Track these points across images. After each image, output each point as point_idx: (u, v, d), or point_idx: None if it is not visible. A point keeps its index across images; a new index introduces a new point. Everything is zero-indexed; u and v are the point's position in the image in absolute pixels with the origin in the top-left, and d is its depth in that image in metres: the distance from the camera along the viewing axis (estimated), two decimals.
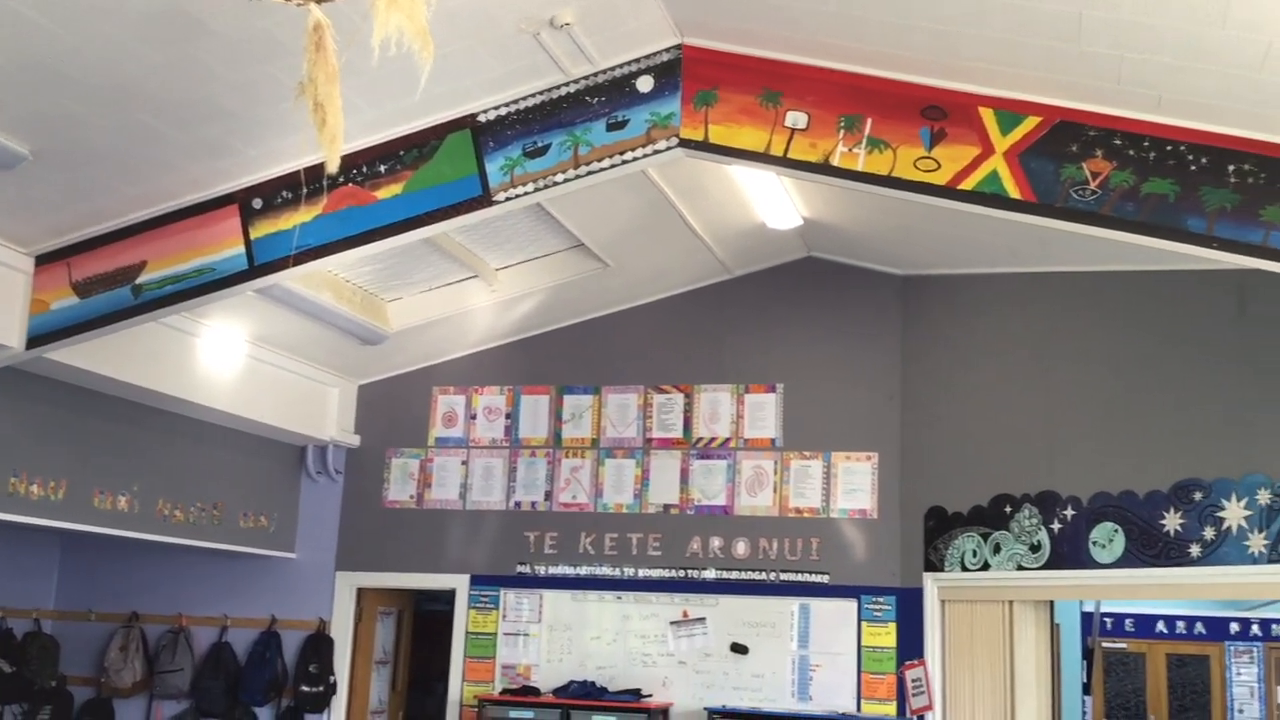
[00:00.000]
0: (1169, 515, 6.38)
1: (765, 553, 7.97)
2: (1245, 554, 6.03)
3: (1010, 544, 7.15)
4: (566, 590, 8.25)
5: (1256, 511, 6.01)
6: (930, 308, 7.94)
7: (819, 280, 8.23)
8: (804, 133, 5.23)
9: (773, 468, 8.08)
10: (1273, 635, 16.17)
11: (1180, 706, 16.36)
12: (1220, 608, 16.03)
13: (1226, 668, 16.30)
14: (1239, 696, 16.18)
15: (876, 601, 7.73)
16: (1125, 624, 16.46)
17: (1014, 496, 7.19)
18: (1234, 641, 16.31)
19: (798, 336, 8.23)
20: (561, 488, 8.41)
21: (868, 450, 7.95)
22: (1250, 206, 4.72)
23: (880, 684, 7.61)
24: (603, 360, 8.55)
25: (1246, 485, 6.07)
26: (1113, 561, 6.61)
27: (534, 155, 5.55)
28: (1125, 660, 16.63)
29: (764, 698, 7.76)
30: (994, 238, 6.89)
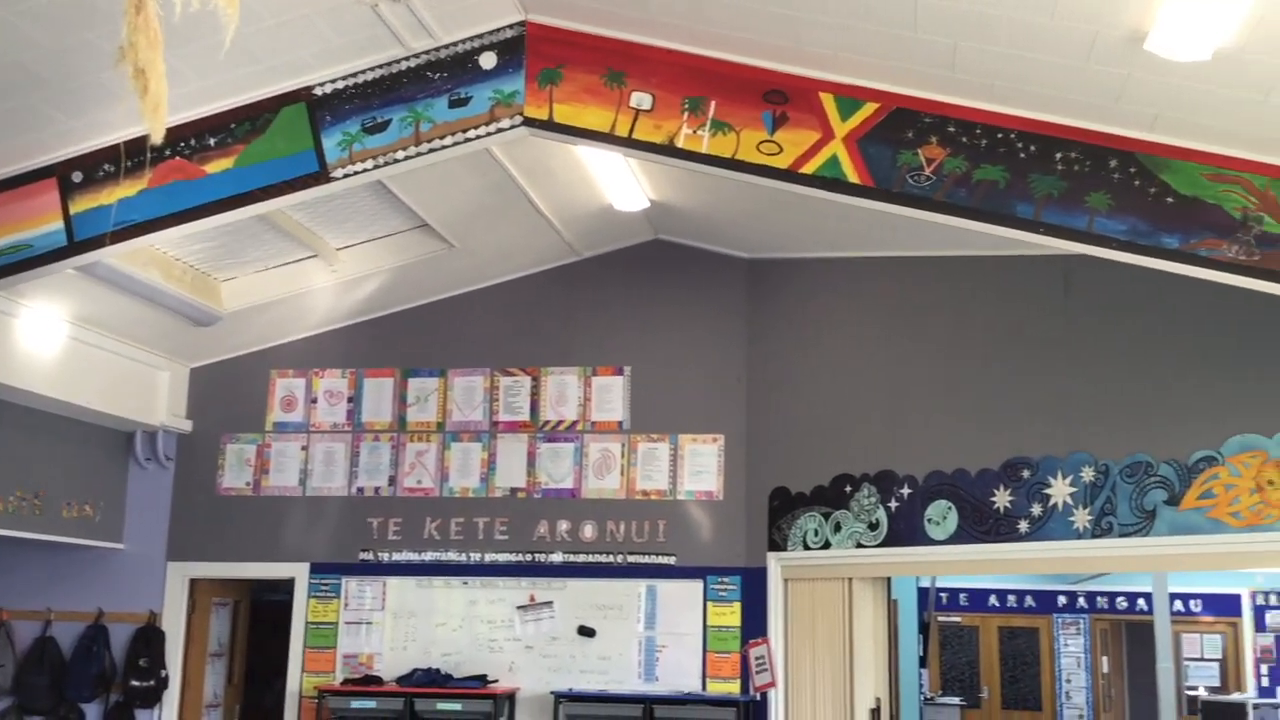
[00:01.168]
0: (999, 493, 6.59)
1: (613, 535, 7.98)
2: (1070, 529, 6.27)
3: (850, 523, 7.30)
4: (411, 577, 8.11)
5: (1081, 488, 6.25)
6: (776, 291, 8.04)
7: (666, 263, 8.26)
8: (649, 114, 5.22)
9: (620, 450, 8.08)
10: (1098, 607, 16.98)
11: (1012, 677, 17.05)
12: (1049, 582, 16.74)
13: (1055, 639, 17.05)
14: (1066, 666, 16.95)
15: (722, 582, 7.81)
16: (960, 598, 17.06)
17: (854, 476, 7.34)
18: (1062, 614, 17.07)
19: (645, 319, 8.24)
20: (406, 472, 8.26)
21: (714, 432, 8.01)
22: (1076, 193, 4.89)
23: (725, 663, 7.69)
24: (448, 342, 8.41)
25: (1072, 463, 6.31)
26: (946, 538, 6.80)
27: (373, 131, 5.41)
28: (960, 633, 17.23)
29: (611, 680, 7.77)
30: (837, 222, 7.00)
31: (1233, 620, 16.24)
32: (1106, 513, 6.11)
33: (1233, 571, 14.82)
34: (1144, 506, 5.97)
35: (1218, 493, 5.73)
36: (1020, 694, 16.93)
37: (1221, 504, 5.71)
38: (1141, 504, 5.98)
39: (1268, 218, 4.75)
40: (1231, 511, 5.68)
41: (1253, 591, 15.89)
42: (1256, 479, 5.61)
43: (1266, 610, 15.88)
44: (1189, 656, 16.54)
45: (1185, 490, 5.84)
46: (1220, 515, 5.71)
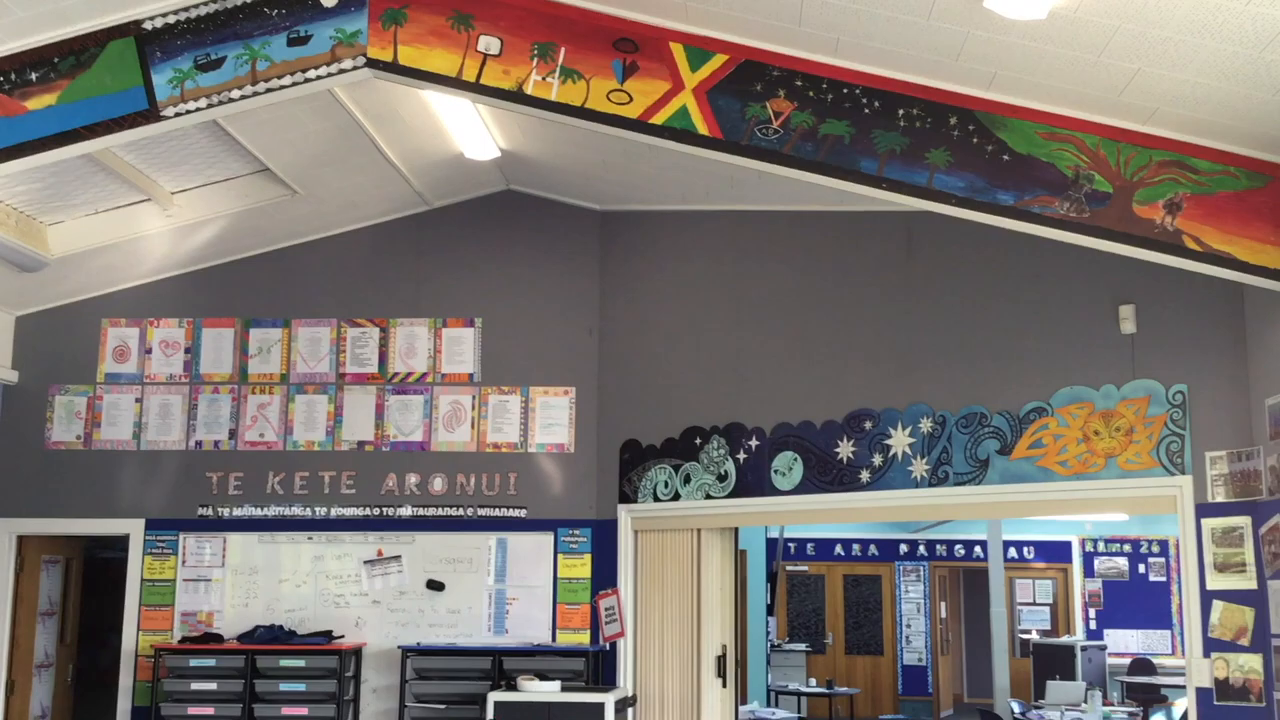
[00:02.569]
0: (843, 444, 6.73)
1: (463, 489, 7.90)
2: (909, 479, 6.45)
3: (699, 474, 7.37)
4: (253, 532, 7.90)
5: (919, 439, 6.43)
6: (628, 243, 8.02)
7: (518, 214, 8.16)
8: (497, 59, 5.12)
9: (471, 403, 7.99)
10: (937, 555, 17.60)
11: (855, 623, 17.59)
12: (891, 531, 17.29)
13: (896, 586, 17.63)
14: (907, 612, 17.56)
15: (572, 534, 7.82)
16: (807, 548, 17.50)
17: (704, 428, 7.41)
18: (903, 562, 17.65)
19: (497, 270, 8.14)
20: (248, 425, 8.02)
21: (566, 385, 7.98)
22: (917, 149, 4.99)
23: (575, 614, 7.72)
24: (293, 292, 8.17)
25: (911, 415, 6.48)
26: (792, 488, 6.93)
27: (207, 68, 5.18)
28: (806, 581, 17.69)
29: (460, 633, 7.73)
30: (688, 175, 7.01)
31: (1063, 567, 17.04)
32: (943, 462, 6.30)
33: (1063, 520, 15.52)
34: (978, 456, 6.18)
35: (1047, 443, 5.95)
36: (863, 639, 17.49)
37: (1050, 453, 5.93)
38: (975, 454, 6.18)
39: (1098, 176, 4.92)
40: (1059, 460, 5.91)
41: (1082, 539, 16.67)
42: (1083, 429, 5.85)
43: (1095, 557, 16.68)
44: (1022, 601, 17.31)
45: (1017, 440, 6.05)
46: (1049, 464, 5.94)
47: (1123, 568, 16.54)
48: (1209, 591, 5.44)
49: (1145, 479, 5.64)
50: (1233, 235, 4.88)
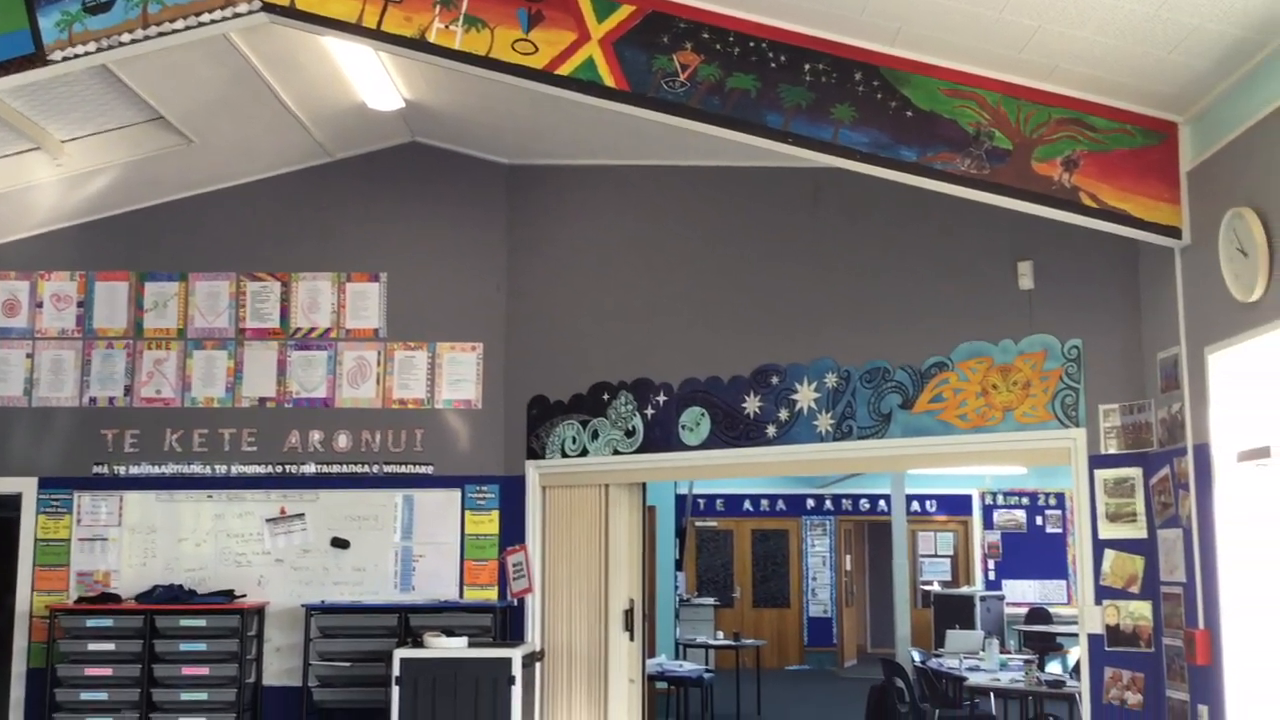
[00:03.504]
0: (749, 399, 6.78)
1: (368, 445, 7.81)
2: (814, 433, 6.52)
3: (607, 430, 7.38)
4: (151, 491, 7.73)
5: (824, 394, 6.50)
6: (536, 197, 7.95)
7: (424, 166, 8.03)
8: (398, 5, 5.01)
9: (376, 359, 7.89)
10: (843, 509, 17.92)
11: (763, 576, 17.86)
12: (797, 486, 17.55)
13: (803, 540, 17.93)
14: (813, 565, 17.87)
15: (480, 490, 7.78)
16: (716, 504, 17.69)
17: (612, 384, 7.41)
18: (809, 516, 17.94)
19: (402, 224, 8.02)
20: (144, 382, 7.82)
21: (473, 340, 7.91)
22: (822, 104, 5.00)
23: (483, 570, 7.70)
24: (190, 245, 7.96)
25: (816, 370, 6.54)
26: (699, 443, 6.97)
27: (95, 11, 4.98)
28: (715, 537, 17.90)
29: (366, 591, 7.67)
30: (595, 129, 6.96)
31: (963, 519, 17.46)
32: (847, 416, 6.38)
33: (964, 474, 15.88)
34: (881, 410, 6.26)
35: (947, 396, 6.05)
36: (770, 592, 17.78)
37: (950, 407, 6.04)
38: (879, 408, 6.27)
39: (998, 133, 4.98)
40: (959, 414, 6.02)
41: (982, 492, 17.09)
42: (982, 383, 5.96)
43: (994, 510, 17.12)
44: (924, 553, 17.73)
45: (918, 394, 6.15)
46: (949, 418, 6.05)
47: (1020, 520, 16.99)
48: (1101, 541, 5.60)
49: (1041, 431, 5.77)
50: (1128, 192, 4.99)
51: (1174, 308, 5.14)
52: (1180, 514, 5.16)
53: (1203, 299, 4.90)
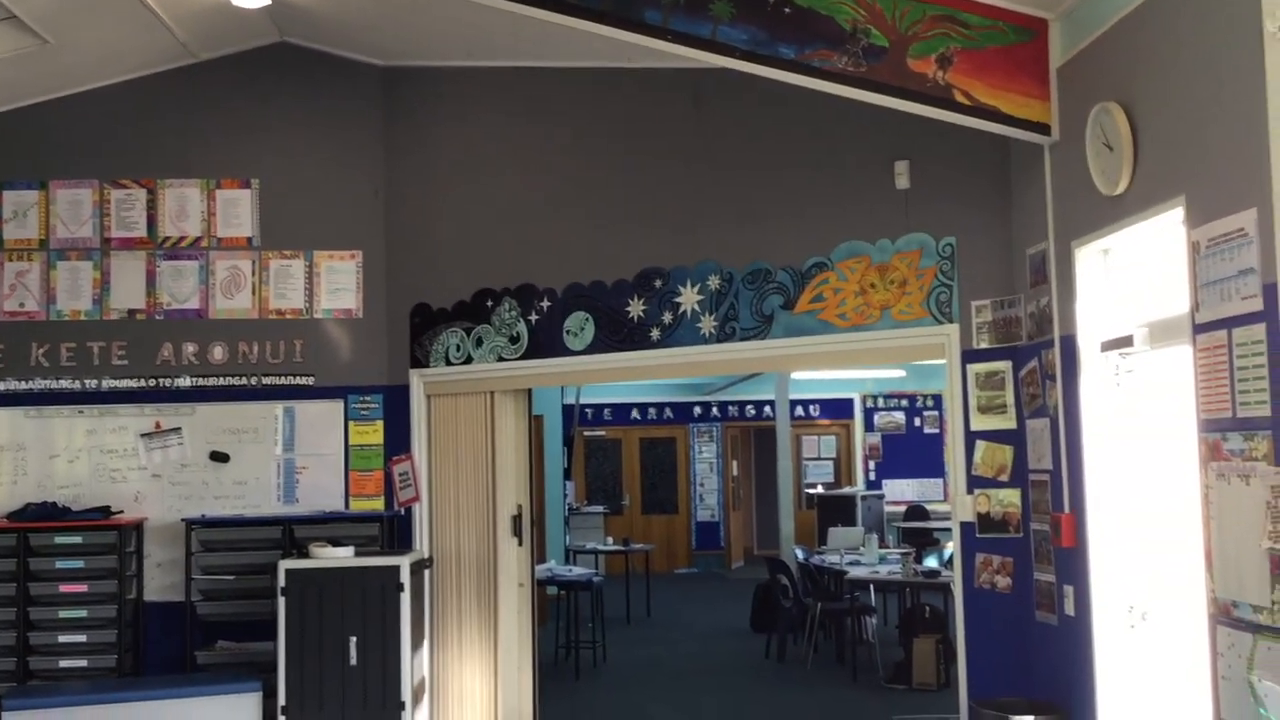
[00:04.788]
0: (633, 302, 6.79)
1: (246, 357, 7.64)
2: (698, 335, 6.56)
3: (492, 337, 7.33)
4: (17, 407, 7.46)
5: (708, 296, 6.54)
6: (413, 100, 7.76)
7: (294, 68, 7.77)
8: None
9: (250, 268, 7.68)
10: (729, 416, 18.19)
11: (652, 484, 18.11)
12: (684, 394, 17.74)
13: (690, 447, 18.19)
14: (700, 472, 18.17)
15: (363, 401, 7.69)
16: (605, 413, 17.80)
17: (495, 291, 7.34)
18: (697, 423, 18.19)
19: (274, 129, 7.77)
20: (5, 295, 7.50)
21: (351, 248, 7.75)
22: (702, 1, 4.94)
23: (368, 480, 7.64)
24: (49, 152, 7.61)
25: (699, 272, 6.57)
26: (584, 348, 6.97)
27: None
28: (604, 446, 18.05)
29: (248, 504, 7.55)
30: (470, 29, 6.79)
31: (845, 423, 17.89)
32: (730, 318, 6.44)
33: (845, 378, 16.23)
34: (763, 311, 6.33)
35: (827, 296, 6.14)
36: (659, 499, 18.04)
37: (830, 306, 6.13)
38: (761, 309, 6.34)
39: (874, 30, 5.00)
40: (839, 313, 6.11)
41: (863, 396, 17.50)
42: (860, 283, 6.05)
43: (875, 413, 17.56)
44: (808, 457, 18.15)
45: (799, 295, 6.22)
46: (829, 317, 6.14)
47: (900, 422, 17.48)
48: (973, 432, 5.78)
49: (917, 328, 5.90)
50: (1000, 89, 5.07)
51: (1043, 203, 5.26)
52: (1048, 404, 5.34)
53: (1070, 194, 5.03)
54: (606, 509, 15.99)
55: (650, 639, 11.46)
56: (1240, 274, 3.77)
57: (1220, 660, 3.94)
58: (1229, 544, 3.87)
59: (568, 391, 14.12)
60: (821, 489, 16.73)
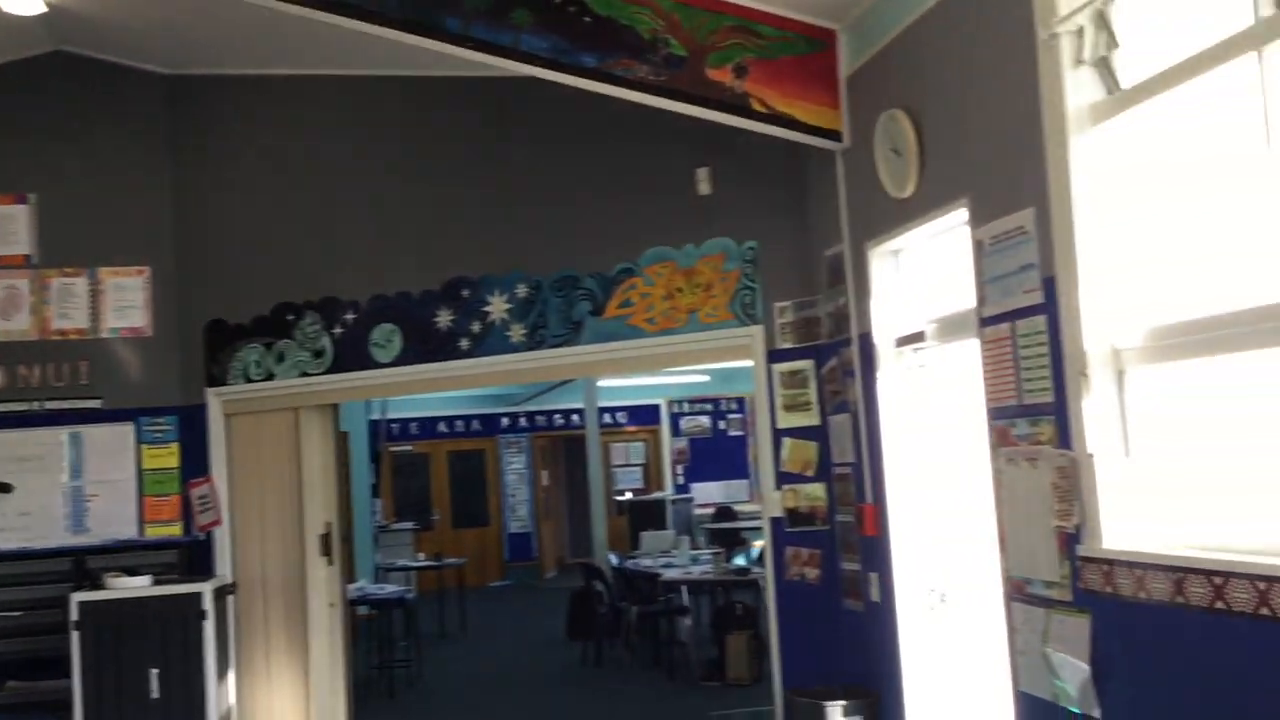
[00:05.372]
0: (441, 313, 6.72)
1: (26, 381, 7.21)
2: (508, 344, 6.55)
3: (294, 352, 7.13)
4: None
5: (516, 305, 6.53)
6: (203, 110, 7.48)
7: (72, 77, 7.38)
8: None
9: (28, 287, 7.26)
10: (538, 426, 18.18)
11: (461, 497, 17.93)
12: (492, 405, 17.64)
13: (500, 459, 18.09)
14: (510, 483, 18.09)
15: (156, 423, 7.36)
16: (411, 428, 17.53)
17: (296, 304, 7.15)
18: (505, 435, 18.12)
19: (51, 141, 7.36)
20: None
21: (139, 264, 7.41)
22: (502, 9, 4.95)
23: (165, 505, 7.31)
24: None
25: (508, 281, 6.56)
26: (392, 360, 6.86)
27: None
28: (412, 461, 17.77)
29: (35, 536, 7.12)
30: (261, 37, 6.60)
31: (652, 429, 18.13)
32: (540, 326, 6.45)
33: (651, 384, 16.46)
34: (572, 318, 6.36)
35: (635, 301, 6.22)
36: (469, 513, 17.88)
37: (638, 311, 6.21)
38: (570, 316, 6.37)
39: (673, 40, 5.10)
40: (647, 318, 6.20)
41: (669, 401, 17.78)
42: (667, 287, 6.16)
43: (680, 418, 17.86)
44: (617, 463, 18.30)
45: (607, 301, 6.28)
46: (638, 322, 6.22)
47: (705, 426, 17.82)
48: (779, 430, 5.96)
49: (723, 330, 6.04)
50: (794, 98, 5.24)
51: (837, 207, 5.47)
52: (849, 400, 5.55)
53: (863, 198, 5.24)
54: (416, 525, 15.73)
55: (466, 654, 11.35)
56: (1021, 269, 4.00)
57: (1016, 635, 4.17)
58: (1020, 525, 4.10)
59: (373, 407, 13.86)
60: (631, 495, 16.91)
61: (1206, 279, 3.35)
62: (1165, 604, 3.33)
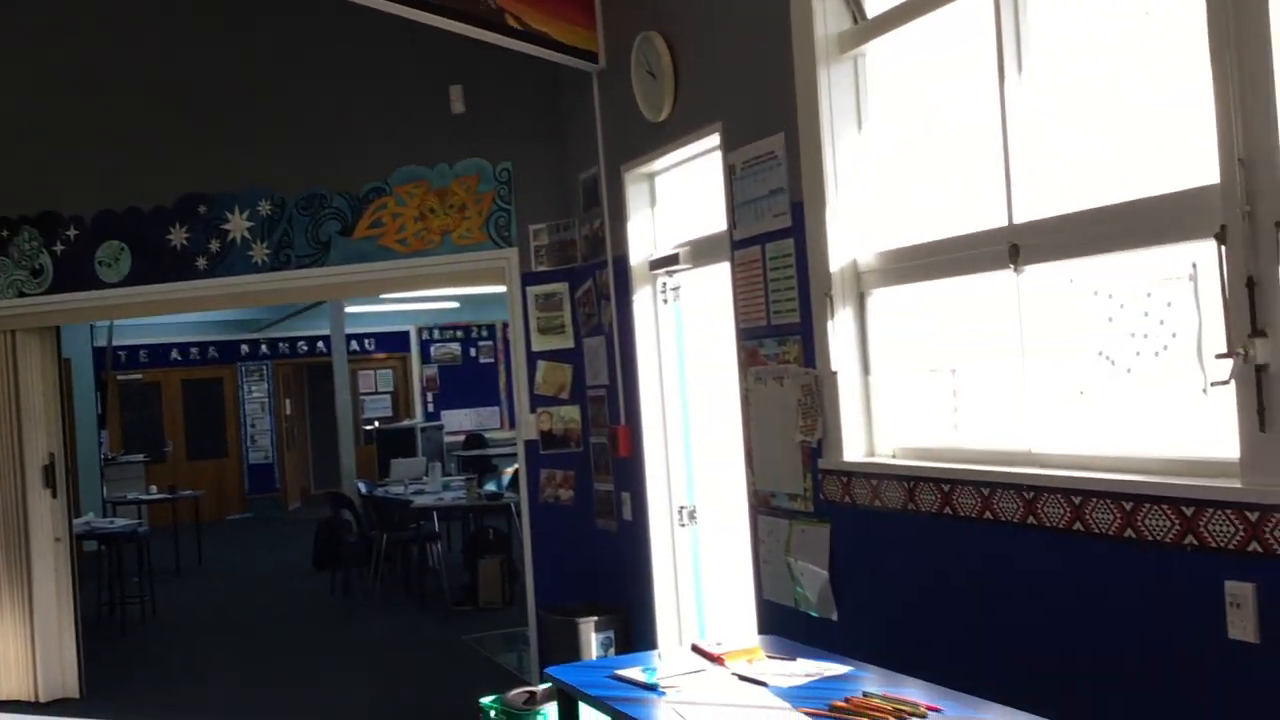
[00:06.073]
0: (175, 230, 6.34)
1: None
2: (250, 264, 6.25)
3: (10, 270, 6.58)
4: None
5: (259, 223, 6.23)
6: None
7: None
8: None
9: None
10: (280, 353, 17.56)
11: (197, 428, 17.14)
12: (230, 331, 16.88)
13: (239, 387, 17.38)
14: (251, 412, 17.43)
15: None
16: (140, 355, 16.59)
17: (11, 219, 6.58)
18: (245, 362, 17.41)
19: None
20: None
21: None
22: None
23: None
24: None
25: (249, 198, 6.24)
26: (120, 280, 6.43)
27: None
28: (142, 390, 16.83)
29: None
30: None
31: (402, 356, 17.82)
32: (285, 246, 6.19)
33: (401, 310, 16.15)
34: (319, 238, 6.14)
35: (386, 222, 6.05)
36: (207, 444, 17.13)
37: (390, 232, 6.05)
38: (317, 236, 6.14)
39: None
40: (399, 239, 6.05)
41: (419, 328, 17.50)
42: (420, 208, 6.02)
43: (431, 344, 17.62)
44: (365, 391, 17.91)
45: (357, 221, 6.08)
46: (389, 243, 6.06)
47: (456, 353, 17.67)
48: (535, 353, 5.96)
49: (478, 253, 5.97)
50: (550, 16, 5.18)
51: (593, 129, 5.47)
52: (603, 323, 5.60)
53: (619, 120, 5.26)
54: (148, 457, 14.93)
55: (204, 588, 10.92)
56: (771, 194, 4.12)
57: (761, 546, 4.35)
58: (767, 441, 4.26)
59: (98, 332, 13.01)
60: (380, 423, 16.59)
61: (944, 206, 3.54)
62: (898, 511, 3.54)
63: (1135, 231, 2.77)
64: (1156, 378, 2.74)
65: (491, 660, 7.33)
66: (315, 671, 7.40)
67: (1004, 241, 3.17)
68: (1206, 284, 2.56)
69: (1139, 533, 2.71)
